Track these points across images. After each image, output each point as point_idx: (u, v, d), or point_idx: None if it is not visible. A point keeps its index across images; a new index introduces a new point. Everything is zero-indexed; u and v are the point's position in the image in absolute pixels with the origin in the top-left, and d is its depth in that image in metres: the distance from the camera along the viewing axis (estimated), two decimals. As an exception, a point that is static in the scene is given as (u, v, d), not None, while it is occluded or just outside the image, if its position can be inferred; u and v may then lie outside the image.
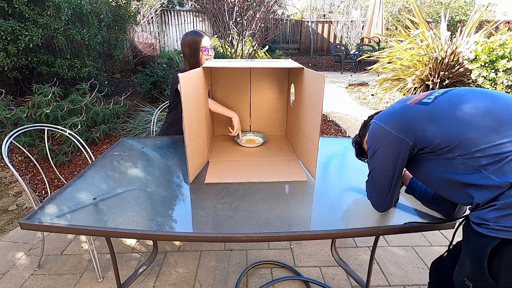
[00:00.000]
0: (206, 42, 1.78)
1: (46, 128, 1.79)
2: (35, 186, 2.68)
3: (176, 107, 1.90)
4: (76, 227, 0.99)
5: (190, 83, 1.24)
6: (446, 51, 4.86)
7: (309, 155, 1.35)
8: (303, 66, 1.37)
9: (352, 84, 7.18)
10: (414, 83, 5.27)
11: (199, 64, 1.80)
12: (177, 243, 2.00)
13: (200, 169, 1.42)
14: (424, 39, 5.07)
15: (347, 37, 11.16)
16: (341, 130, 4.14)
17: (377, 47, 9.20)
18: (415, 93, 5.27)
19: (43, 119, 3.05)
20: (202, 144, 1.44)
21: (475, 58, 4.39)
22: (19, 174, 1.51)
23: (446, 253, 1.04)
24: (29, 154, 1.83)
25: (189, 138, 1.24)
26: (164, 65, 4.64)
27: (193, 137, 1.30)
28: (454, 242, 1.00)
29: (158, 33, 7.25)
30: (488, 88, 4.08)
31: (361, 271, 1.77)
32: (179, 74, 1.11)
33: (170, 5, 8.70)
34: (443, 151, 0.82)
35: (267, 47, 7.90)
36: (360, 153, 1.17)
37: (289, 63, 1.46)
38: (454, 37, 5.10)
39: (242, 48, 5.18)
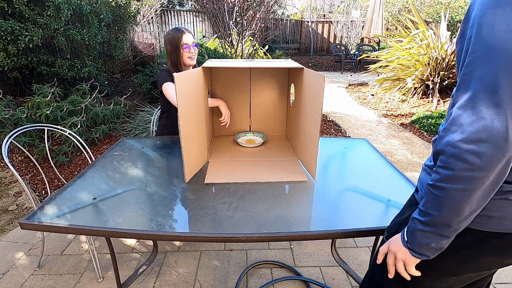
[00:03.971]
0: (187, 39, 1.74)
1: (46, 128, 1.79)
2: (35, 186, 2.68)
3: (167, 109, 1.89)
4: (76, 227, 0.99)
5: (185, 83, 1.24)
6: (447, 50, 4.86)
7: (309, 155, 1.35)
8: (303, 66, 1.37)
9: (352, 84, 7.18)
10: (414, 83, 5.27)
11: (181, 61, 1.78)
12: (177, 243, 2.00)
13: (198, 169, 1.42)
14: (424, 38, 5.08)
15: (347, 37, 11.16)
16: (341, 130, 4.14)
17: (377, 47, 9.19)
18: (415, 93, 5.28)
19: (43, 120, 3.05)
20: (201, 144, 1.44)
21: (475, 58, 4.39)
22: (19, 174, 1.51)
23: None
24: (29, 154, 1.83)
25: (184, 137, 1.24)
26: (164, 65, 4.64)
27: (190, 137, 1.30)
28: None
29: (158, 33, 7.25)
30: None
31: (361, 271, 1.77)
32: (174, 74, 1.11)
33: (170, 5, 8.69)
34: None
35: (267, 47, 7.90)
36: None
37: (289, 63, 1.46)
38: (454, 37, 5.10)
39: (242, 48, 5.18)
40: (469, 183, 0.57)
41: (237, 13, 4.93)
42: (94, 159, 1.76)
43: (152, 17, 6.65)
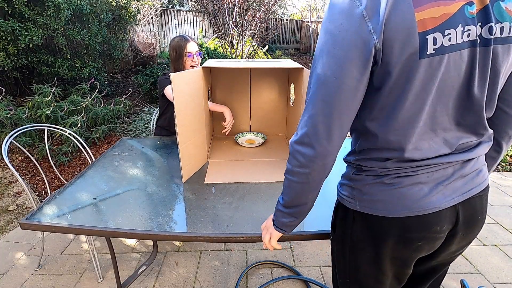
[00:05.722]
0: (191, 47, 1.76)
1: (46, 128, 1.79)
2: (35, 186, 2.68)
3: (167, 111, 1.90)
4: (76, 227, 0.99)
5: (183, 83, 1.24)
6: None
7: (309, 155, 1.35)
8: (303, 66, 1.37)
9: (352, 84, 7.16)
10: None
11: (183, 69, 1.79)
12: (177, 243, 2.00)
13: (197, 169, 1.42)
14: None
15: (347, 37, 11.13)
16: (341, 130, 4.13)
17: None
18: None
19: (43, 120, 3.05)
20: (200, 144, 1.44)
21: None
22: (19, 174, 1.51)
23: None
24: (29, 154, 1.83)
25: (182, 137, 1.24)
26: (164, 65, 4.64)
27: (189, 137, 1.30)
28: None
29: (158, 33, 7.25)
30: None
31: (361, 271, 1.77)
32: (171, 74, 1.11)
33: (170, 5, 8.70)
34: None
35: (267, 47, 7.90)
36: None
37: (289, 63, 1.46)
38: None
39: (242, 48, 5.18)
40: (299, 176, 0.70)
41: (237, 13, 4.93)
42: (94, 159, 1.76)
43: (152, 17, 6.65)
